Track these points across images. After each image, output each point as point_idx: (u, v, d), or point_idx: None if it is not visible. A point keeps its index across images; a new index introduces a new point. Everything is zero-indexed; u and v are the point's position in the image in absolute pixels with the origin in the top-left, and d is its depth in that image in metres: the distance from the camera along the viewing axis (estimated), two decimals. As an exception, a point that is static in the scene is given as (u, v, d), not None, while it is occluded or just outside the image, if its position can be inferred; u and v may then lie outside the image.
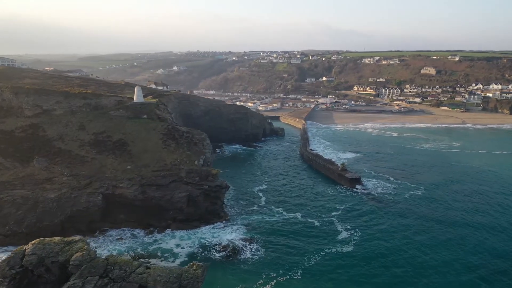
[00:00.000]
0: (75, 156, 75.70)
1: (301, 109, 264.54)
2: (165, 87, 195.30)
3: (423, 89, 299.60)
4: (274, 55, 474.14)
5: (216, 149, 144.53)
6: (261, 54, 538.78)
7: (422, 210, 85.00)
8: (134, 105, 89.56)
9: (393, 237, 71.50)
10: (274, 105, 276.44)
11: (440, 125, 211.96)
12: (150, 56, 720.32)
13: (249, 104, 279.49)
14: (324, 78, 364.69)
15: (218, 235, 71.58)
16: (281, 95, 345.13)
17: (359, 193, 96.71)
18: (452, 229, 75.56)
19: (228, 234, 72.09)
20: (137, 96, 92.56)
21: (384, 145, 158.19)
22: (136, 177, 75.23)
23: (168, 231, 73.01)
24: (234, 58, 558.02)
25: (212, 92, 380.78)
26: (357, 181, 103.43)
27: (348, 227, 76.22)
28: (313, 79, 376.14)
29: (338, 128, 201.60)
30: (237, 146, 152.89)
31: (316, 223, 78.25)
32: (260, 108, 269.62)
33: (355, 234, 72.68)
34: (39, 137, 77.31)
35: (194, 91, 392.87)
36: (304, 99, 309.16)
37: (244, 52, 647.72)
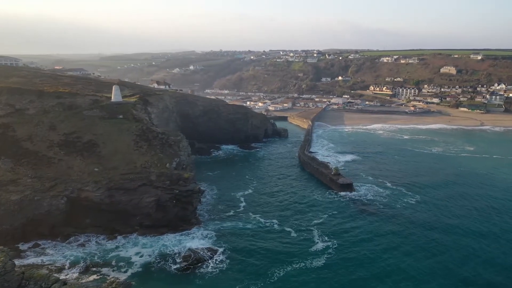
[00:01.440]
0: (41, 157, 73.24)
1: (311, 109, 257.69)
2: (167, 86, 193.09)
3: (442, 89, 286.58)
4: (291, 54, 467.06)
5: (212, 150, 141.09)
6: (281, 53, 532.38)
7: (412, 222, 77.99)
8: (111, 105, 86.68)
9: (371, 253, 65.26)
10: (285, 105, 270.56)
11: (455, 127, 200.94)
12: (171, 55, 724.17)
13: (259, 104, 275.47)
14: (339, 78, 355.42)
15: (183, 243, 67.45)
16: (295, 95, 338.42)
17: (348, 199, 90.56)
18: (442, 249, 68.29)
19: (194, 242, 67.91)
20: (115, 95, 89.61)
21: (390, 147, 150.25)
22: (103, 180, 72.02)
23: (132, 237, 69.53)
24: (252, 57, 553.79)
25: (226, 91, 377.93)
26: (349, 186, 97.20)
27: (326, 238, 70.56)
28: (328, 79, 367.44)
29: (346, 130, 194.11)
30: (235, 147, 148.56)
31: (293, 233, 72.96)
32: (270, 108, 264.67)
33: (330, 247, 66.98)
34: (8, 137, 75.28)
35: (208, 90, 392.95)
36: (317, 99, 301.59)
37: (264, 51, 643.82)
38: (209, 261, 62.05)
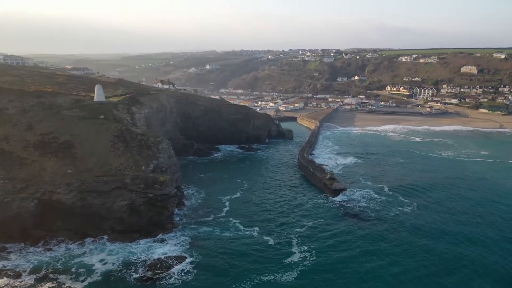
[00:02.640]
0: (15, 158, 71.73)
1: (323, 110, 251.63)
2: (171, 85, 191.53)
3: (461, 90, 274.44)
4: (308, 53, 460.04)
5: (211, 151, 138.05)
6: (300, 52, 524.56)
7: (401, 234, 72.07)
8: (92, 104, 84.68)
9: (350, 268, 60.20)
10: (296, 105, 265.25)
11: (471, 129, 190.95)
12: (190, 55, 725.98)
13: (271, 104, 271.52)
14: (356, 77, 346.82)
15: (152, 251, 64.43)
16: (309, 95, 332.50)
17: (338, 206, 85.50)
18: (432, 267, 62.64)
19: (164, 250, 64.82)
20: (97, 95, 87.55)
21: (397, 150, 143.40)
22: (76, 182, 69.81)
23: (101, 243, 67.01)
24: (269, 56, 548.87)
25: (240, 91, 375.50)
26: (342, 192, 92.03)
27: (305, 248, 66.04)
28: (344, 78, 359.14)
29: (355, 131, 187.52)
30: (235, 148, 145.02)
31: (271, 242, 68.80)
32: (281, 108, 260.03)
33: (307, 259, 62.45)
34: (-16, 137, 74.06)
35: (222, 90, 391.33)
36: (330, 99, 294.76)
37: (283, 50, 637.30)
38: (174, 271, 58.70)
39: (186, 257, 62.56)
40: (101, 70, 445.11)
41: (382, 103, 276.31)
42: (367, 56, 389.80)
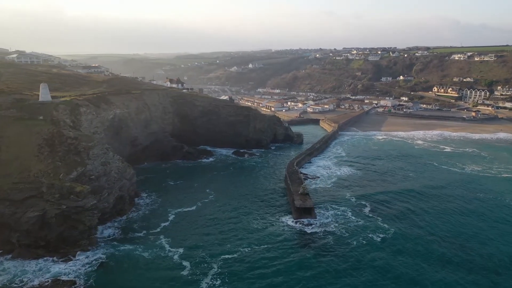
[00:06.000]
0: None
1: (354, 112, 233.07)
2: (179, 85, 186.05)
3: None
4: (353, 51, 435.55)
5: (202, 155, 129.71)
6: (353, 51, 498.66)
7: (362, 278, 57.34)
8: (33, 105, 79.80)
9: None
10: (326, 106, 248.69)
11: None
12: (243, 53, 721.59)
13: (299, 105, 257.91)
14: (401, 77, 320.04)
15: (46, 271, 57.23)
16: (348, 95, 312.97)
17: (296, 230, 72.54)
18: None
19: (60, 271, 57.37)
20: (42, 94, 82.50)
21: (414, 162, 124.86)
22: (-12, 189, 64.64)
23: (3, 258, 61.04)
24: (317, 55, 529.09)
25: (277, 90, 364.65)
26: (308, 212, 78.74)
27: (218, 282, 54.91)
28: (389, 78, 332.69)
29: (378, 137, 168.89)
30: (230, 152, 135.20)
31: (187, 268, 58.72)
32: (309, 109, 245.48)
33: (212, 296, 51.47)
34: None
35: (260, 89, 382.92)
36: (367, 101, 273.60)
37: (334, 49, 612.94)
38: (53, 299, 50.87)
39: (76, 283, 54.50)
40: (147, 69, 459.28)
41: (424, 105, 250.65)
42: (416, 54, 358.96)
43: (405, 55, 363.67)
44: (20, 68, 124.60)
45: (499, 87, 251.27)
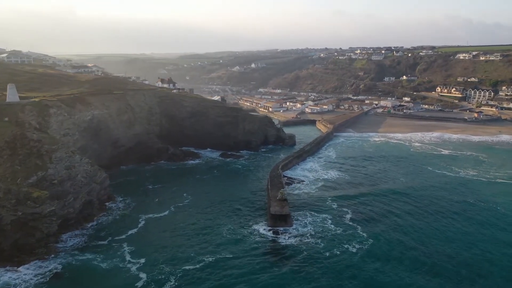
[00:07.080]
0: None
1: (353, 112, 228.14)
2: (171, 84, 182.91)
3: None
4: (357, 51, 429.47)
5: (188, 157, 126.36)
6: (359, 50, 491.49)
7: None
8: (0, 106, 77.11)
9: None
10: (324, 107, 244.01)
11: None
12: (247, 53, 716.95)
13: (297, 105, 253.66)
14: (404, 77, 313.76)
15: (-7, 283, 54.18)
16: (350, 96, 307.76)
17: (270, 240, 68.63)
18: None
19: (4, 281, 54.49)
20: (9, 95, 79.71)
21: (407, 165, 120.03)
22: None
23: (-48, 267, 58.14)
24: (321, 55, 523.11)
25: (279, 90, 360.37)
26: (283, 219, 74.75)
27: (173, 296, 51.44)
28: (392, 78, 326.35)
29: (375, 139, 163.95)
30: (217, 155, 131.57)
31: (144, 279, 55.24)
32: (307, 110, 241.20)
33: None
34: None
35: (261, 89, 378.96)
36: (367, 101, 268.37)
37: (340, 48, 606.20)
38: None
39: (21, 296, 51.38)
40: (150, 69, 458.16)
41: (426, 106, 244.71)
42: (421, 53, 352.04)
43: (409, 55, 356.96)
44: (6, 68, 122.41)
45: (504, 87, 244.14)
